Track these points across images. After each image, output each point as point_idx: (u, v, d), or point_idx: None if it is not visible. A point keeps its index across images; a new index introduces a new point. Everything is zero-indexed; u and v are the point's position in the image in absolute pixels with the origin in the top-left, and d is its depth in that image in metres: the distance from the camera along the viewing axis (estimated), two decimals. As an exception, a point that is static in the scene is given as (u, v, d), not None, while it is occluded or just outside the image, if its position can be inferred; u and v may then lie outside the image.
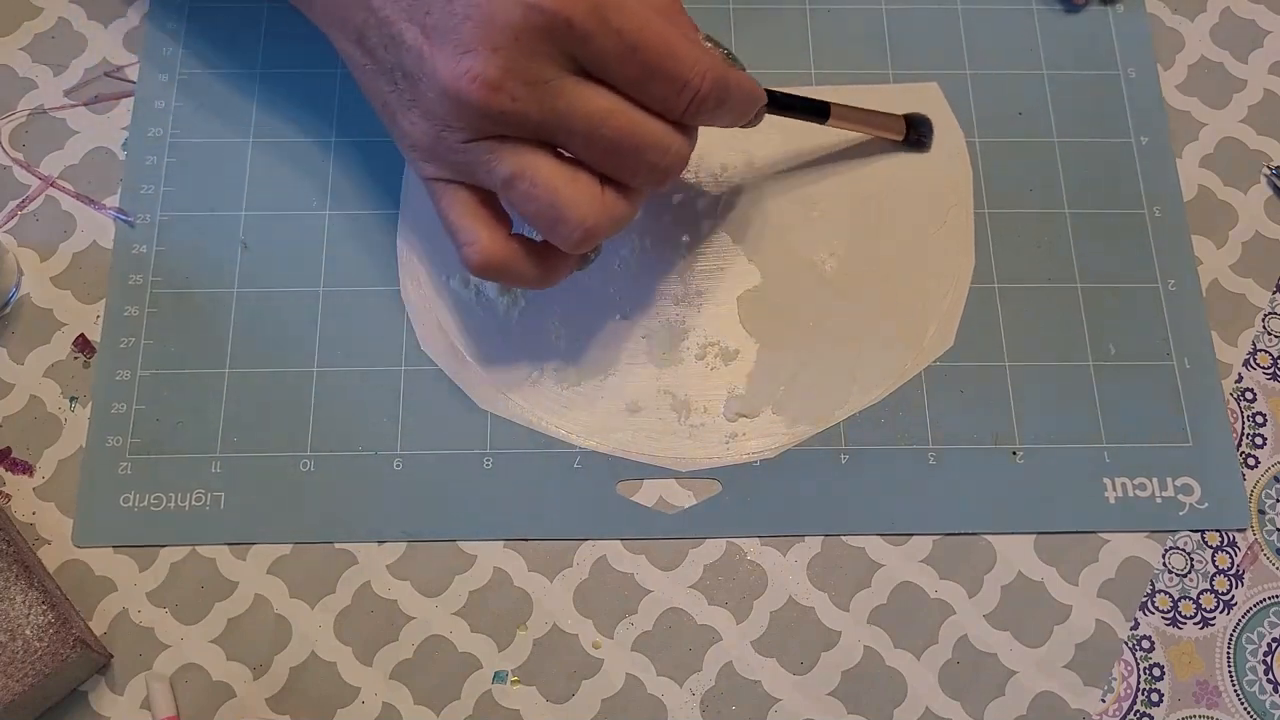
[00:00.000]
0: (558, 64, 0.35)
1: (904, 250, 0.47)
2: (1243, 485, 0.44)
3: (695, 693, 0.41)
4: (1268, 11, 0.52)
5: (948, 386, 0.45)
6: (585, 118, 0.36)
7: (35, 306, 0.45)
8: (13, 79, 0.49)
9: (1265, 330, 0.46)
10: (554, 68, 0.35)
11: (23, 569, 0.39)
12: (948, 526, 0.43)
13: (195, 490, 0.43)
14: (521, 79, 0.35)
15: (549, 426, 0.44)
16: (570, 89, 0.35)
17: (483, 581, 0.42)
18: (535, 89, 0.35)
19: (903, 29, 0.51)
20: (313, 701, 0.41)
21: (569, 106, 0.36)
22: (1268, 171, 0.49)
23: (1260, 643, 0.42)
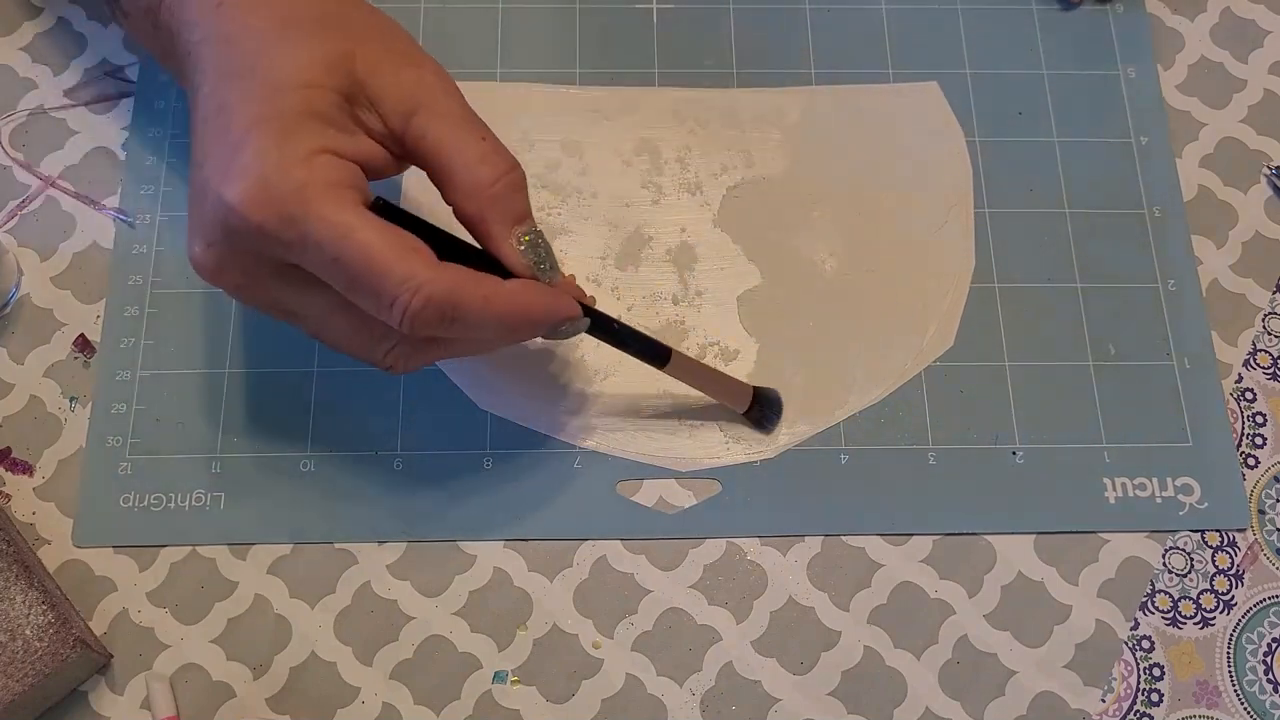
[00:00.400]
0: (273, 264, 0.34)
1: (904, 250, 0.47)
2: (1243, 485, 0.44)
3: (695, 693, 0.41)
4: (1268, 11, 0.52)
5: (948, 386, 0.45)
6: (310, 313, 0.35)
7: (35, 306, 0.45)
8: (13, 79, 0.49)
9: (1265, 330, 0.46)
10: (269, 266, 0.34)
11: (23, 569, 0.39)
12: (948, 526, 0.43)
13: (195, 490, 0.43)
14: (239, 271, 0.34)
15: (549, 427, 0.44)
16: (289, 285, 0.35)
17: (483, 581, 0.42)
18: (256, 280, 0.34)
19: (903, 29, 0.51)
20: (313, 701, 0.41)
21: (293, 301, 0.35)
22: (1268, 171, 0.49)
23: (1260, 643, 0.42)
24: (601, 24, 0.50)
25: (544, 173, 0.48)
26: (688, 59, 0.50)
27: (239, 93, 0.33)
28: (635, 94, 0.49)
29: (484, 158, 0.35)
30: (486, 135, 0.36)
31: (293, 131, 0.33)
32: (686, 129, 0.49)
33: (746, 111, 0.49)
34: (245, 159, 0.32)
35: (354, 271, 0.32)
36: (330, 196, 0.32)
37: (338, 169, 0.33)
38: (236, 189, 0.32)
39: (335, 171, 0.33)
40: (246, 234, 0.33)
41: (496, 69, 0.49)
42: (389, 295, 0.33)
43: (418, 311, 0.33)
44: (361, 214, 0.33)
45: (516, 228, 0.36)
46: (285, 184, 0.32)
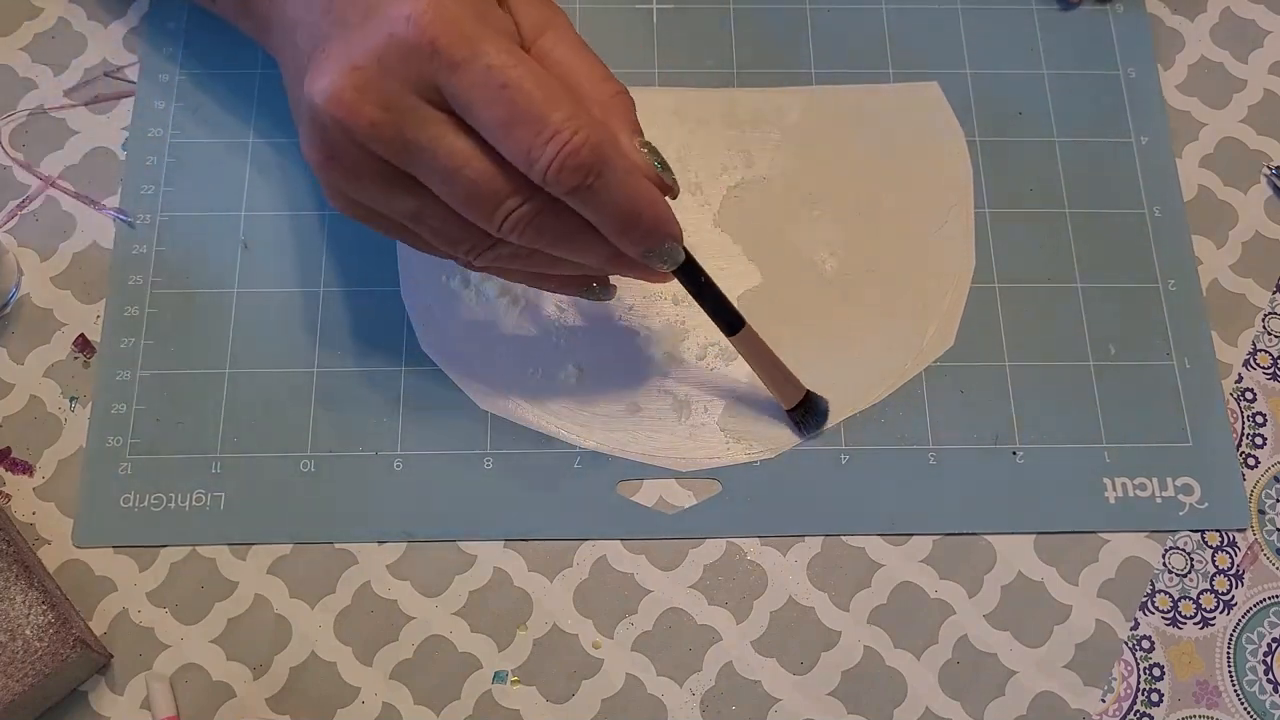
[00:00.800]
0: (421, 93, 0.33)
1: (904, 250, 0.47)
2: (1243, 485, 0.44)
3: (695, 693, 0.41)
4: (1268, 11, 0.52)
5: (948, 386, 0.45)
6: (444, 156, 0.34)
7: (35, 306, 0.45)
8: (13, 79, 0.49)
9: (1265, 330, 0.46)
10: (415, 96, 0.33)
11: (23, 569, 0.39)
12: (948, 526, 0.43)
13: (195, 490, 0.43)
14: (378, 101, 0.33)
15: (549, 426, 0.44)
16: (431, 122, 0.33)
17: (483, 581, 0.42)
18: (393, 115, 0.33)
19: (903, 29, 0.51)
20: (313, 701, 0.41)
21: (430, 141, 0.33)
22: (1268, 171, 0.49)
23: (1260, 643, 0.42)
24: (601, 24, 0.50)
25: (544, 173, 0.47)
26: (688, 59, 0.50)
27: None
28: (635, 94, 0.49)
29: (606, 76, 0.37)
30: (604, 65, 0.37)
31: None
32: (686, 129, 0.49)
33: (746, 111, 0.49)
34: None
35: (521, 100, 0.32)
36: (506, 34, 0.34)
37: (506, 19, 0.35)
38: (420, 4, 0.32)
39: (505, 19, 0.35)
40: (415, 50, 0.32)
41: (496, 69, 0.49)
42: (552, 128, 0.32)
43: (575, 149, 0.32)
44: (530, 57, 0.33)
45: (636, 136, 0.37)
46: (468, 10, 0.32)
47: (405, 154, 0.34)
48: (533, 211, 0.35)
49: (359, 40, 0.33)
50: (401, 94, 0.33)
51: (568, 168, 0.33)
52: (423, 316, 0.45)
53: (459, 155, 0.34)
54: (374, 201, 0.36)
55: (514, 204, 0.34)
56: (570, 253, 0.37)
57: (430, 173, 0.34)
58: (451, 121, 0.33)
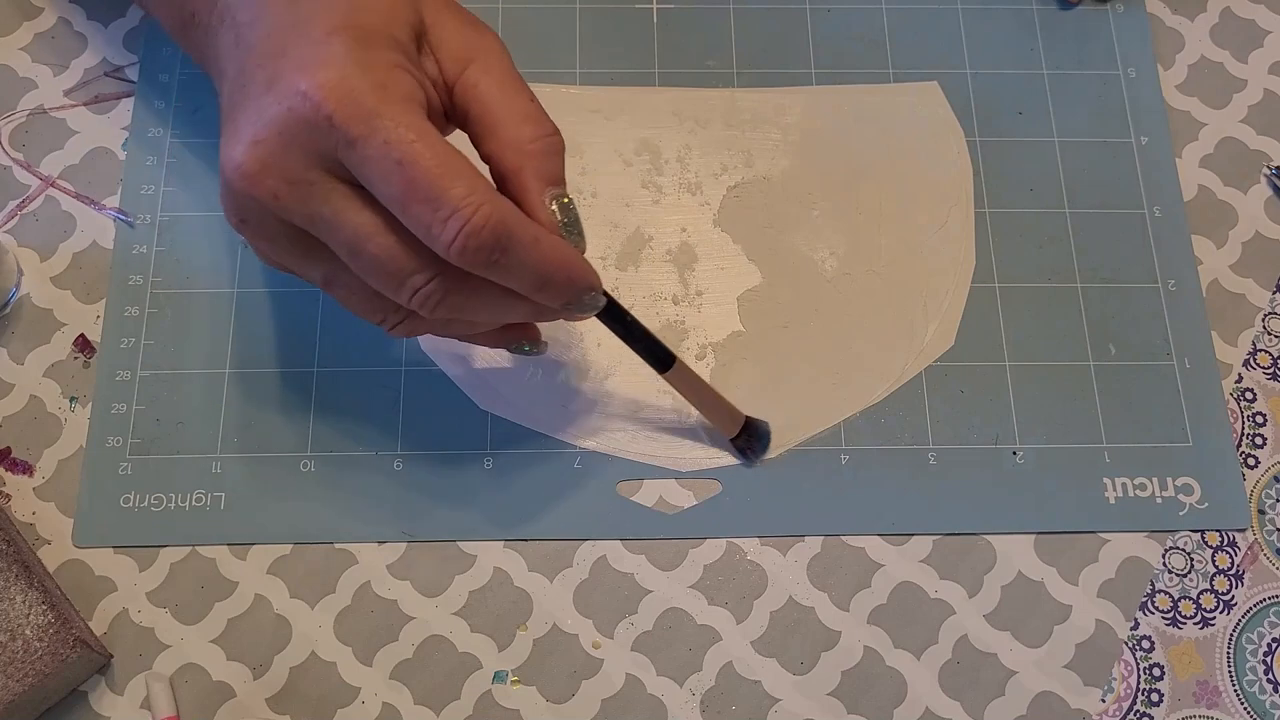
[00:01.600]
0: (323, 166, 0.32)
1: (904, 250, 0.47)
2: (1243, 485, 0.44)
3: (695, 693, 0.41)
4: (1268, 11, 0.52)
5: (948, 386, 0.45)
6: (348, 230, 0.33)
7: (35, 306, 0.45)
8: (13, 79, 0.49)
9: (1265, 330, 0.46)
10: (317, 169, 0.32)
11: (23, 569, 0.39)
12: (948, 526, 0.43)
13: (195, 490, 0.43)
14: (280, 175, 0.32)
15: (549, 427, 0.44)
16: (334, 195, 0.33)
17: (483, 581, 0.42)
18: (296, 188, 0.33)
19: (903, 29, 0.51)
20: (313, 701, 0.41)
21: (333, 214, 0.33)
22: (1268, 171, 0.49)
23: (1260, 643, 0.42)
24: (601, 24, 0.50)
25: (544, 173, 0.48)
26: (688, 59, 0.50)
27: (321, 3, 0.33)
28: (635, 94, 0.49)
29: (530, 116, 0.36)
30: (534, 99, 0.36)
31: (375, 44, 0.33)
32: (686, 129, 0.49)
33: (746, 111, 0.49)
34: (328, 54, 0.32)
35: (418, 176, 0.31)
36: (404, 103, 0.32)
37: (412, 84, 0.33)
38: (317, 77, 0.32)
39: (410, 85, 0.33)
40: (312, 124, 0.32)
41: (496, 69, 0.49)
42: (450, 206, 0.32)
43: (476, 229, 0.32)
44: (431, 125, 0.33)
45: (550, 189, 0.35)
46: (366, 81, 0.32)
47: (311, 225, 0.34)
48: (441, 287, 0.34)
49: (260, 111, 0.32)
50: (304, 167, 0.32)
51: (470, 247, 0.32)
52: (423, 316, 0.45)
53: (363, 229, 0.33)
54: (288, 265, 0.36)
55: (421, 280, 0.33)
56: (487, 318, 0.36)
57: (337, 245, 0.34)
58: (356, 194, 0.33)
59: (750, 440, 0.43)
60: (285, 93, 0.32)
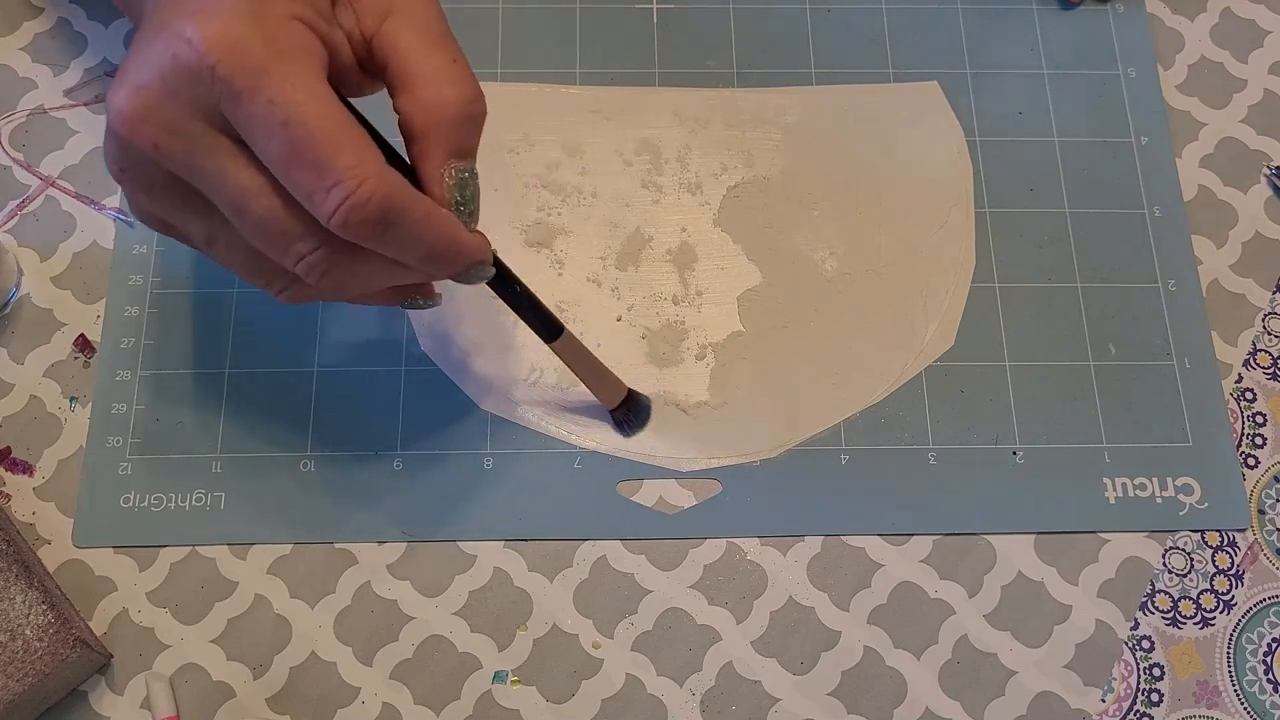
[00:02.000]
0: (207, 119, 0.30)
1: (904, 250, 0.47)
2: (1243, 485, 0.44)
3: (695, 693, 0.41)
4: (1268, 11, 0.52)
5: (948, 386, 0.45)
6: (231, 187, 0.31)
7: (35, 306, 0.45)
8: (13, 79, 0.49)
9: (1265, 330, 0.46)
10: (201, 121, 0.31)
11: (23, 569, 0.39)
12: (948, 526, 0.43)
13: (195, 490, 0.43)
14: (162, 124, 0.31)
15: (549, 426, 0.44)
16: (218, 151, 0.31)
17: (483, 581, 0.42)
18: (179, 139, 0.31)
19: (903, 29, 0.51)
20: (313, 701, 0.41)
21: (216, 170, 0.31)
22: (1268, 171, 0.49)
23: (1260, 643, 0.42)
24: (601, 24, 0.50)
25: (544, 173, 0.48)
26: (688, 59, 0.50)
27: None
28: (635, 94, 0.49)
29: (452, 78, 0.33)
30: (459, 57, 0.34)
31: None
32: (686, 129, 0.49)
33: (746, 111, 0.49)
34: (222, 2, 0.30)
35: (303, 140, 0.30)
36: (297, 59, 0.30)
37: (310, 39, 0.31)
38: (203, 25, 0.29)
39: (307, 40, 0.31)
40: (194, 74, 0.30)
41: (496, 69, 0.49)
42: (334, 176, 0.30)
43: (360, 202, 0.30)
44: (325, 86, 0.31)
45: (454, 161, 0.33)
46: (255, 33, 0.30)
47: (193, 178, 0.32)
48: (327, 257, 0.32)
49: (147, 58, 0.30)
50: (187, 119, 0.31)
51: (353, 221, 0.30)
52: (422, 316, 0.45)
53: (247, 188, 0.31)
54: (168, 217, 0.34)
55: (305, 247, 0.32)
56: (374, 285, 0.35)
57: (220, 201, 0.32)
58: (242, 151, 0.31)
59: (629, 413, 0.43)
60: (172, 39, 0.30)
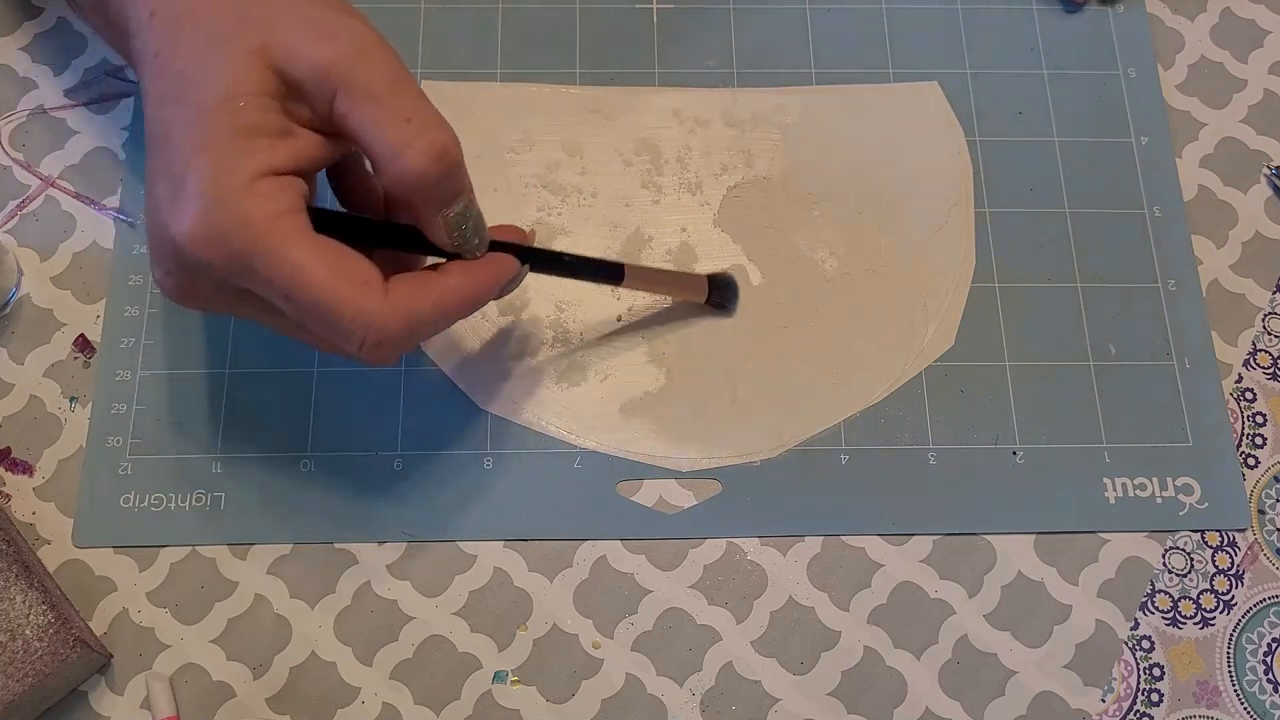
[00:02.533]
0: (229, 284, 0.33)
1: (904, 250, 0.47)
2: (1243, 485, 0.44)
3: (695, 693, 0.41)
4: (1268, 11, 0.52)
5: (948, 386, 0.45)
6: (279, 324, 0.35)
7: (35, 306, 0.45)
8: (13, 79, 0.49)
9: (1265, 330, 0.46)
10: (228, 287, 0.33)
11: (23, 569, 0.39)
12: (948, 526, 0.43)
13: (196, 491, 0.43)
14: (202, 295, 0.34)
15: (549, 426, 0.44)
16: (251, 306, 0.34)
17: (483, 581, 0.42)
18: (221, 301, 0.34)
19: (903, 29, 0.51)
20: (313, 701, 0.41)
21: (261, 317, 0.35)
22: (1268, 171, 0.49)
23: (1260, 643, 0.42)
24: (601, 24, 0.50)
25: (544, 173, 0.48)
26: (688, 59, 0.50)
27: (173, 119, 0.32)
28: (635, 94, 0.49)
29: (409, 143, 0.33)
30: (413, 113, 0.33)
31: (229, 157, 0.32)
32: (686, 129, 0.49)
33: (746, 111, 0.49)
34: (188, 194, 0.31)
35: (306, 306, 0.32)
36: (276, 231, 0.32)
37: (279, 193, 0.32)
38: (183, 226, 0.31)
39: (277, 197, 0.32)
40: (199, 266, 0.32)
41: (496, 69, 0.49)
42: (342, 331, 0.33)
43: (373, 346, 0.33)
44: (308, 246, 0.32)
45: (443, 210, 0.35)
46: (229, 220, 0.31)
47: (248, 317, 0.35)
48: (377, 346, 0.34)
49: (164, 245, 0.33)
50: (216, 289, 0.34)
51: (376, 358, 0.34)
52: (423, 316, 0.45)
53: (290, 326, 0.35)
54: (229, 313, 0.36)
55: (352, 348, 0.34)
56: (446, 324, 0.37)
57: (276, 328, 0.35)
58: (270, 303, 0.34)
59: (723, 294, 0.45)
60: (166, 237, 0.32)
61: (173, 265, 0.33)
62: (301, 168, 0.33)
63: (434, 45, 0.49)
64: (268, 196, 0.32)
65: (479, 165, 0.47)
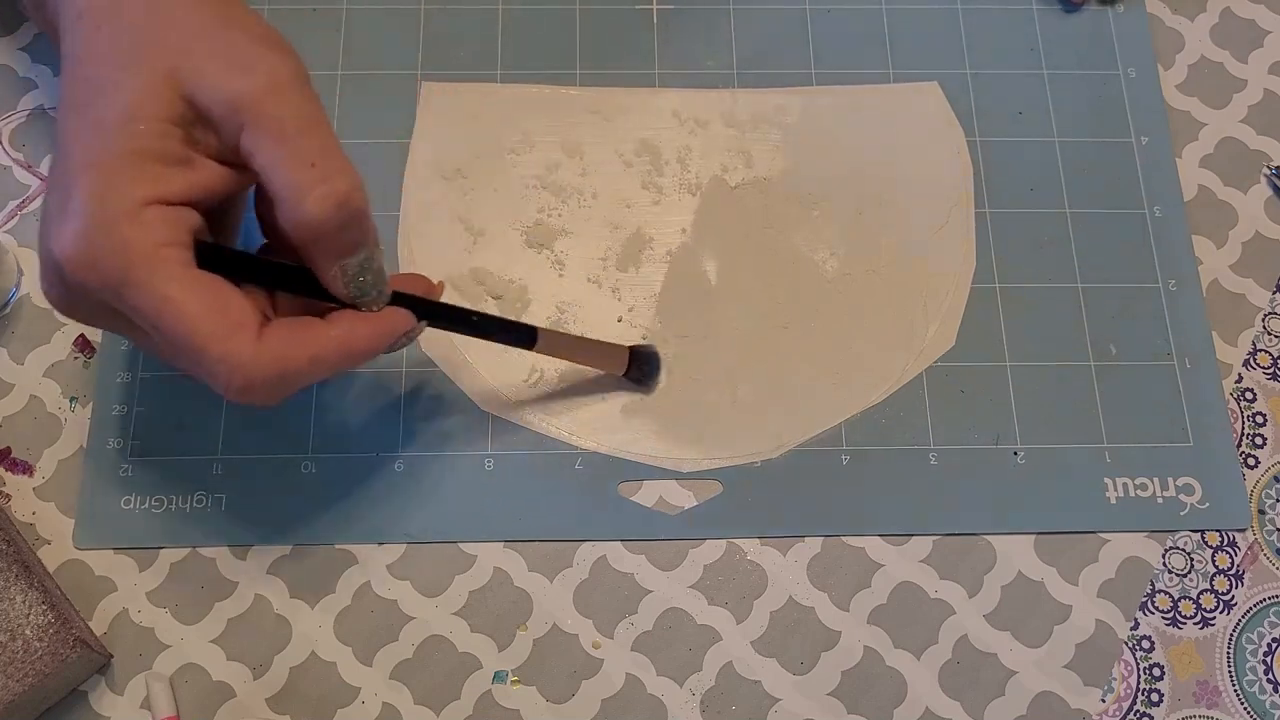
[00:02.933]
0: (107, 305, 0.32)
1: (904, 250, 0.47)
2: (1243, 485, 0.44)
3: (695, 693, 0.41)
4: (1268, 11, 0.52)
5: (948, 386, 0.45)
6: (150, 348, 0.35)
7: (35, 306, 0.45)
8: (13, 79, 0.49)
9: (1265, 330, 0.46)
10: (105, 306, 0.33)
11: (23, 569, 0.39)
12: (948, 526, 0.43)
13: (196, 492, 0.43)
14: (82, 310, 0.34)
15: (550, 428, 0.44)
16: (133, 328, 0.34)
17: (483, 581, 0.42)
18: (98, 317, 0.34)
19: (903, 29, 0.51)
20: (313, 701, 0.41)
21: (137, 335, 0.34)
22: (1268, 171, 0.49)
23: (1260, 643, 0.42)
24: (601, 25, 0.50)
25: (544, 174, 0.48)
26: (688, 59, 0.50)
27: (74, 129, 0.32)
28: (635, 94, 0.49)
29: (310, 188, 0.32)
30: (319, 157, 0.32)
31: (117, 179, 0.31)
32: (686, 129, 0.49)
33: (746, 112, 0.49)
34: (71, 211, 0.31)
35: (174, 338, 0.32)
36: (152, 262, 0.31)
37: (163, 224, 0.31)
38: (62, 244, 0.31)
39: (159, 228, 0.31)
40: (74, 286, 0.32)
41: (496, 69, 0.49)
42: (208, 371, 0.32)
43: (239, 390, 0.33)
44: (183, 281, 0.31)
45: (339, 260, 0.34)
46: (105, 244, 0.31)
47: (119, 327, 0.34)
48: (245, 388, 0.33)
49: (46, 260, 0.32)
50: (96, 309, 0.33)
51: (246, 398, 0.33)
52: (423, 317, 0.45)
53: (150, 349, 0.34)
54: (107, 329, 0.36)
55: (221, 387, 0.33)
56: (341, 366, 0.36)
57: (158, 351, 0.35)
58: None
59: (642, 368, 0.44)
60: (47, 253, 0.32)
61: (55, 279, 0.33)
62: (196, 198, 0.33)
63: (434, 46, 0.49)
64: (150, 226, 0.31)
65: (479, 165, 0.47)
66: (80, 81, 0.32)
